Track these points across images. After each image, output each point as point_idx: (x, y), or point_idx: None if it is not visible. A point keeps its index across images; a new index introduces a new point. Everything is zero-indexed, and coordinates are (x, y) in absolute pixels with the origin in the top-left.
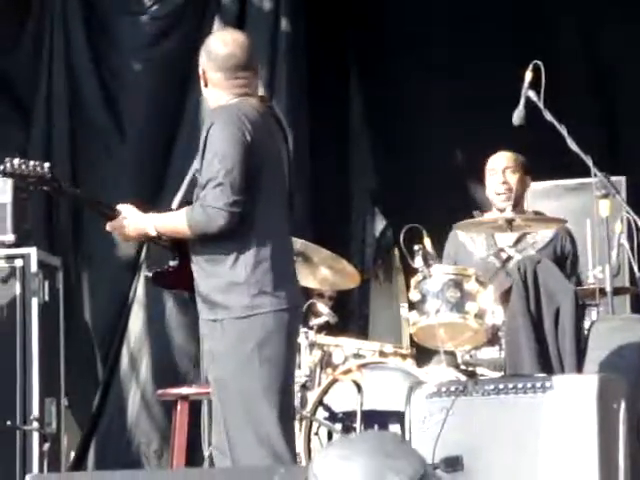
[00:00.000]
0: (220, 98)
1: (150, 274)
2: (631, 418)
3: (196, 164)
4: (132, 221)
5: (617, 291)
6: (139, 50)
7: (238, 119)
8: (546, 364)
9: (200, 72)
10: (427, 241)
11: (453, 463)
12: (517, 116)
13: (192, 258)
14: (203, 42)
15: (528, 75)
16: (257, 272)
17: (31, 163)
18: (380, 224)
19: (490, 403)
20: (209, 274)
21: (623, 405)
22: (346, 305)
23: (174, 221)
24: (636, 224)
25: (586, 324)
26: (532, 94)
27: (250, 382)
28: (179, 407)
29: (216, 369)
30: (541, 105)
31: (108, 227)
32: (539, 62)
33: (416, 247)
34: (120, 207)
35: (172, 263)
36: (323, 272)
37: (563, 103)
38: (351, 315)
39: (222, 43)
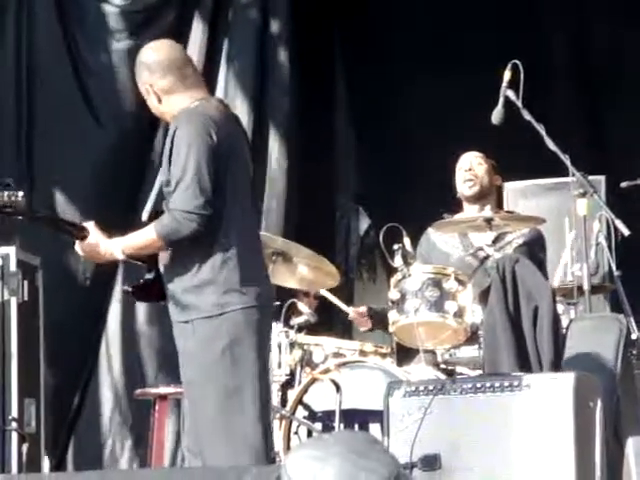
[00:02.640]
0: (181, 102)
1: (129, 289)
2: (607, 416)
3: (161, 176)
4: (99, 245)
5: (595, 289)
6: (111, 43)
7: (202, 121)
8: (524, 362)
9: (145, 92)
10: (407, 240)
11: (431, 462)
12: (496, 115)
13: (160, 262)
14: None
15: (507, 74)
16: (225, 271)
17: (5, 193)
18: (364, 223)
19: (468, 402)
20: (178, 275)
21: (599, 403)
22: (330, 304)
23: (143, 238)
24: (614, 223)
25: (564, 322)
26: (511, 93)
27: (222, 382)
28: (157, 406)
29: (188, 370)
30: (520, 104)
31: (77, 248)
32: (517, 62)
33: (395, 246)
34: (87, 225)
35: (148, 276)
36: (302, 271)
37: (543, 102)
38: (335, 314)
39: (154, 51)
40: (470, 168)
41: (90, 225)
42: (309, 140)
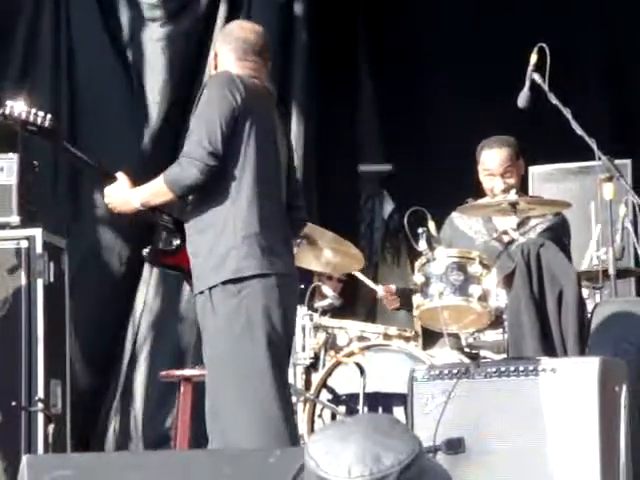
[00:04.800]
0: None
1: (146, 251)
2: (632, 401)
3: None
4: (121, 192)
5: (621, 274)
6: (149, 30)
7: (232, 82)
8: (549, 347)
9: (212, 55)
10: (431, 224)
11: (455, 445)
12: (522, 99)
13: (186, 231)
14: (214, 24)
15: (533, 57)
16: (246, 239)
17: (33, 111)
18: (389, 207)
19: (492, 386)
20: (200, 243)
21: (624, 388)
22: (355, 288)
23: (154, 184)
24: None
25: (589, 307)
26: (537, 77)
27: (244, 361)
28: (182, 389)
29: (208, 349)
30: (546, 88)
31: (106, 190)
32: (544, 45)
33: (420, 230)
34: (117, 175)
35: (175, 242)
36: (327, 255)
37: (569, 86)
38: (360, 298)
39: (239, 28)
40: (504, 186)
41: (120, 175)
42: (331, 122)
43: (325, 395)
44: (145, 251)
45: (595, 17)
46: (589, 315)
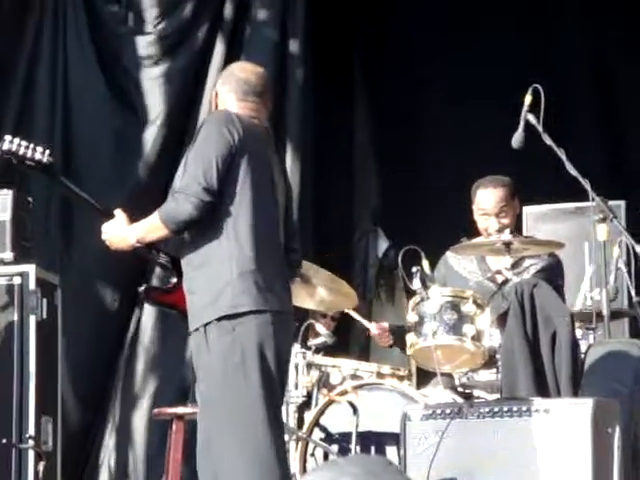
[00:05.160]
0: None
1: (142, 289)
2: (625, 442)
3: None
4: (118, 229)
5: (615, 315)
6: (145, 68)
7: (230, 120)
8: (542, 387)
9: (212, 95)
10: (425, 263)
11: None
12: (516, 139)
13: (182, 268)
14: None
15: (528, 98)
16: (241, 276)
17: (31, 146)
18: (383, 244)
19: (485, 426)
20: (195, 280)
21: (618, 429)
22: (348, 325)
23: (149, 220)
24: (634, 249)
25: (583, 348)
26: (531, 117)
27: (238, 399)
28: (174, 427)
29: (202, 386)
30: (540, 129)
31: (103, 227)
32: (538, 86)
33: (414, 269)
34: (115, 212)
35: (172, 281)
36: (321, 293)
37: (563, 126)
38: (353, 336)
39: (240, 69)
40: (499, 226)
41: (117, 211)
42: (327, 160)
43: (318, 434)
44: (140, 289)
45: (590, 58)
46: (582, 356)
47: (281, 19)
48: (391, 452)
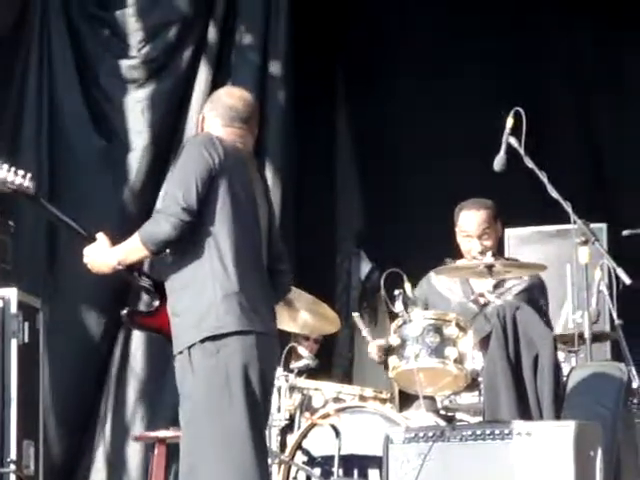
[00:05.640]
0: None
1: (124, 312)
2: (607, 465)
3: None
4: (100, 252)
5: (597, 337)
6: (129, 91)
7: (210, 142)
8: (524, 410)
9: (199, 118)
10: (407, 286)
11: None
12: (498, 162)
13: (166, 291)
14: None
15: (509, 121)
16: (225, 298)
17: (13, 169)
18: (366, 267)
19: (468, 449)
20: (179, 302)
21: (600, 452)
22: (331, 348)
23: (129, 242)
24: (615, 272)
25: (565, 370)
26: (513, 140)
27: (222, 421)
28: (157, 450)
29: (186, 408)
30: (522, 152)
31: (85, 251)
32: (520, 109)
33: (396, 292)
34: (97, 235)
35: (154, 304)
36: (303, 316)
37: (545, 149)
38: (336, 358)
39: (227, 94)
40: (482, 248)
41: (100, 235)
42: (309, 182)
43: (300, 457)
44: (123, 312)
45: (571, 81)
46: (565, 378)
47: (263, 42)
48: (374, 475)
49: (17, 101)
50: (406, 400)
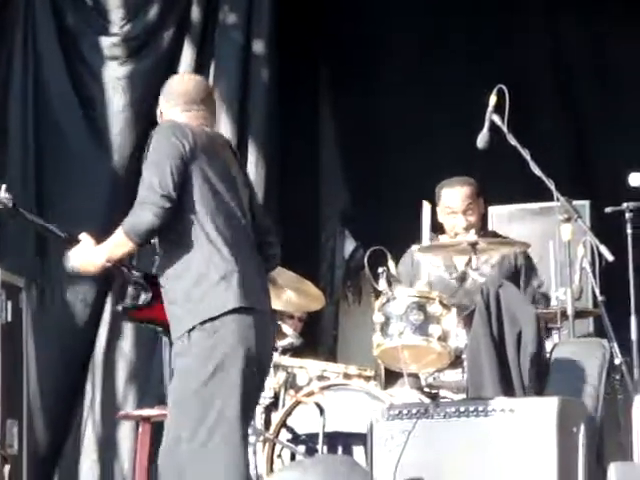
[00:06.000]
0: None
1: (120, 308)
2: (590, 441)
3: None
4: (85, 252)
5: (580, 314)
6: (110, 69)
7: (177, 129)
8: (508, 387)
9: (158, 113)
10: (391, 264)
11: None
12: (481, 140)
13: (160, 282)
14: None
15: (492, 99)
16: (221, 281)
17: None
18: (350, 245)
19: (451, 426)
20: (175, 290)
21: (583, 428)
22: (316, 326)
23: (114, 237)
24: (598, 249)
25: (548, 347)
26: (496, 118)
27: (213, 401)
28: (141, 428)
29: (178, 386)
30: (505, 129)
31: (70, 253)
32: (503, 86)
33: (380, 270)
34: (80, 236)
35: (144, 296)
36: (288, 294)
37: (528, 127)
38: (321, 336)
39: (177, 82)
40: (466, 224)
41: (83, 235)
42: (293, 161)
43: (285, 435)
44: (119, 307)
45: (554, 60)
46: (548, 355)
47: (247, 21)
48: (358, 452)
49: (2, 85)
50: (390, 377)
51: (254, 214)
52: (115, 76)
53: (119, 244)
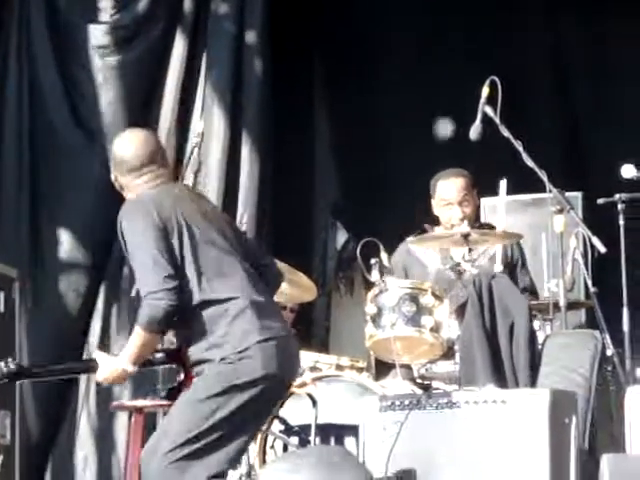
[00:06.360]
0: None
1: (163, 394)
2: (582, 433)
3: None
4: (108, 368)
5: (572, 305)
6: (101, 58)
7: (142, 206)
8: (500, 378)
9: (113, 179)
10: (384, 255)
11: (406, 476)
12: (474, 131)
13: (189, 350)
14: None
15: (485, 90)
16: (238, 317)
17: (2, 364)
18: (342, 237)
19: (443, 417)
20: (201, 349)
21: (574, 420)
22: (308, 317)
23: (135, 338)
24: (590, 240)
25: (540, 338)
26: (489, 109)
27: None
28: (133, 419)
29: (190, 392)
30: (497, 120)
31: (96, 377)
32: (495, 78)
33: (372, 261)
34: (94, 356)
35: (180, 378)
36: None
37: (521, 118)
38: (313, 328)
39: (122, 147)
40: (462, 215)
41: (96, 354)
42: (286, 152)
43: (277, 426)
44: (162, 393)
45: (553, 59)
46: (540, 346)
47: (239, 11)
48: (350, 443)
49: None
50: (382, 369)
51: (242, 242)
52: (106, 66)
53: (142, 343)
